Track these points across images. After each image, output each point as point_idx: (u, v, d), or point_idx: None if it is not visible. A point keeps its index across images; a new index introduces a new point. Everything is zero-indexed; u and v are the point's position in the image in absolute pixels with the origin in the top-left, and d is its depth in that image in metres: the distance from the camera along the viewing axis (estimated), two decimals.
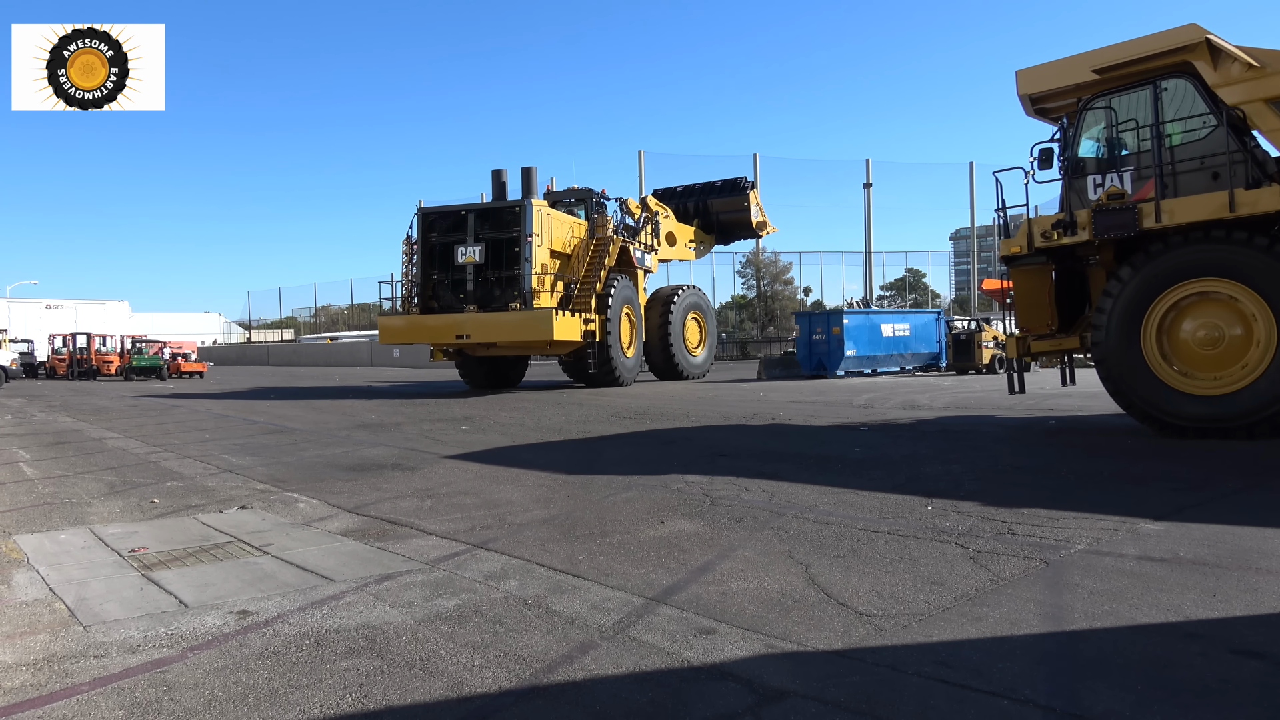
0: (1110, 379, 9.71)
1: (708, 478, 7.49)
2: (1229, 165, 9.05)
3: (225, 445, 11.11)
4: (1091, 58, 9.78)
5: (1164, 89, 9.46)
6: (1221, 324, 9.05)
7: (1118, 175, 9.77)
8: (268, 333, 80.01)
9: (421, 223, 20.11)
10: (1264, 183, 8.85)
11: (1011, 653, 3.27)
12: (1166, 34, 9.30)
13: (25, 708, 3.00)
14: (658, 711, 2.85)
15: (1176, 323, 9.34)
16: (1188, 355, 9.27)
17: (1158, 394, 9.27)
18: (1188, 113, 9.42)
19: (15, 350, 37.28)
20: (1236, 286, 8.86)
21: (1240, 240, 8.76)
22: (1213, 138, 9.26)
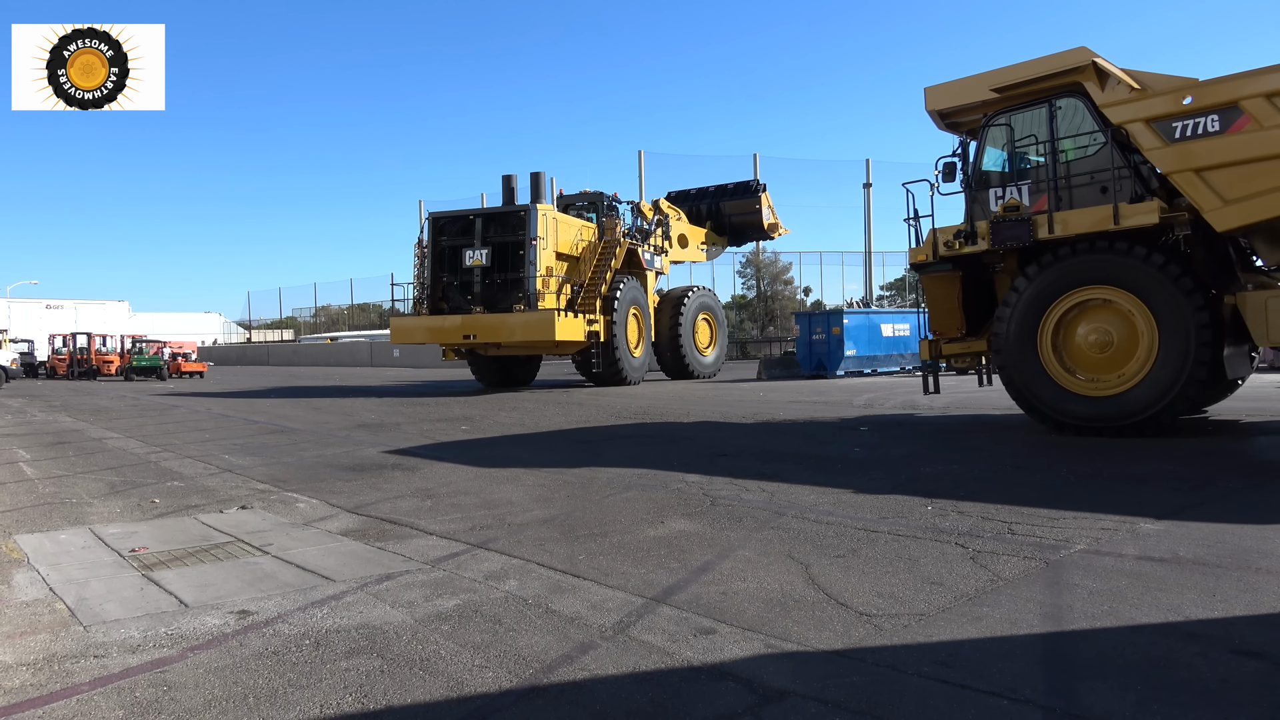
0: (1010, 382, 10.25)
1: (708, 478, 7.49)
2: (1115, 180, 9.60)
3: (225, 445, 11.12)
4: (990, 77, 10.35)
5: (1058, 107, 10.01)
6: (1111, 329, 9.59)
7: (1017, 188, 10.35)
8: (268, 333, 79.99)
9: (432, 227, 20.88)
10: (1146, 197, 9.39)
11: (1011, 653, 3.27)
12: (1058, 56, 9.87)
13: (25, 708, 3.00)
14: (658, 711, 2.86)
15: (1071, 328, 9.88)
16: (1081, 358, 9.80)
17: (1053, 395, 9.80)
18: (1080, 130, 9.96)
19: (15, 350, 37.29)
20: (1122, 294, 9.42)
21: (1122, 250, 9.32)
22: (1101, 154, 9.79)
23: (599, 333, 20.62)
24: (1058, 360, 9.90)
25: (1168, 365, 9.03)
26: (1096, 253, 9.56)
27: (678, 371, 24.75)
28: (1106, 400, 9.48)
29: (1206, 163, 8.83)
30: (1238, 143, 8.66)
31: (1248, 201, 8.61)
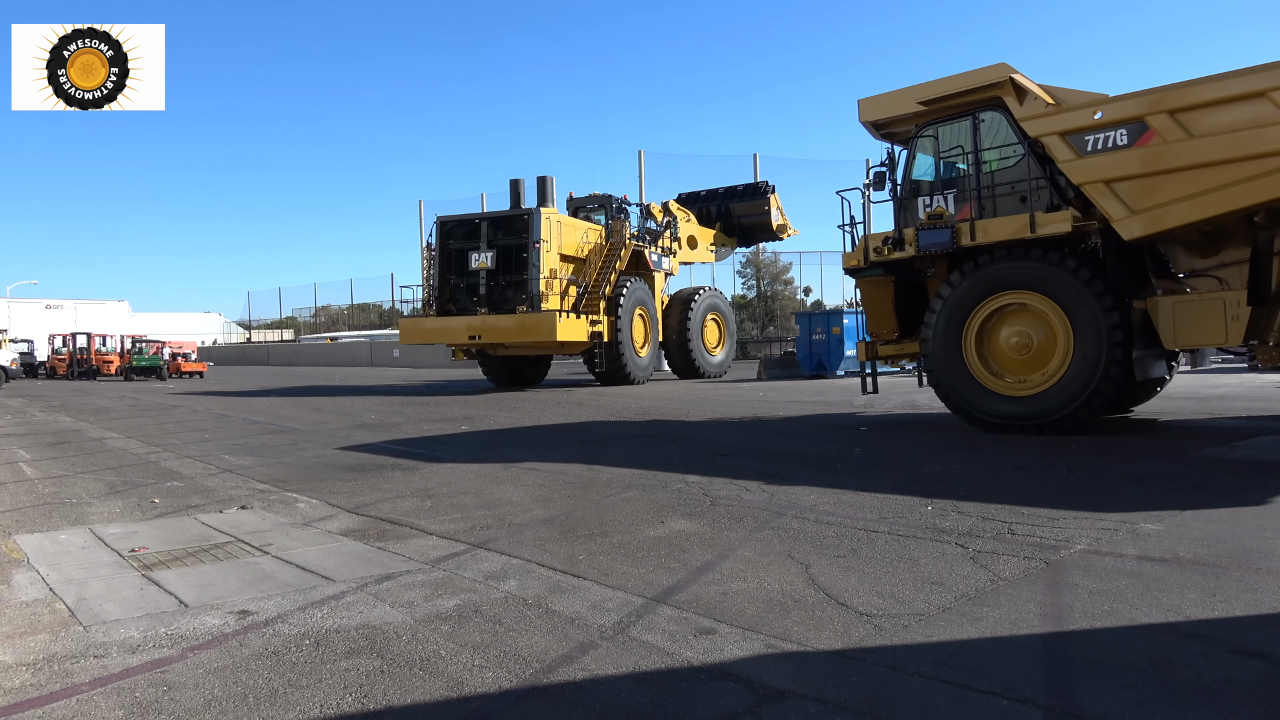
0: (938, 383, 10.73)
1: (708, 478, 7.49)
2: (1033, 190, 10.16)
3: (225, 445, 11.12)
4: (916, 91, 10.84)
5: (982, 120, 10.50)
6: (1031, 332, 10.06)
7: (943, 197, 10.84)
8: (268, 333, 79.94)
9: (439, 231, 21.59)
10: (1062, 207, 9.84)
11: (1011, 653, 3.27)
12: (978, 72, 10.38)
13: (25, 708, 3.00)
14: (658, 711, 2.86)
15: (994, 331, 10.35)
16: (1003, 360, 10.28)
17: (977, 395, 10.28)
18: (1001, 142, 10.45)
19: (15, 350, 37.29)
20: (1040, 299, 9.88)
21: (1038, 257, 9.82)
22: (1020, 165, 10.32)
23: (602, 333, 20.96)
24: (981, 362, 10.33)
25: (1082, 366, 9.47)
26: (1015, 259, 10.01)
27: (686, 371, 25.01)
28: (1027, 400, 9.89)
29: (1115, 175, 9.25)
30: (1144, 156, 9.10)
31: (1152, 211, 9.07)
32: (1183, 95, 8.94)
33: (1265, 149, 8.38)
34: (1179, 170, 8.89)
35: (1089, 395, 9.43)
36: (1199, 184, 8.77)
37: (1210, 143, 8.71)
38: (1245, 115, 8.52)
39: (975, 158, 10.64)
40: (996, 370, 10.31)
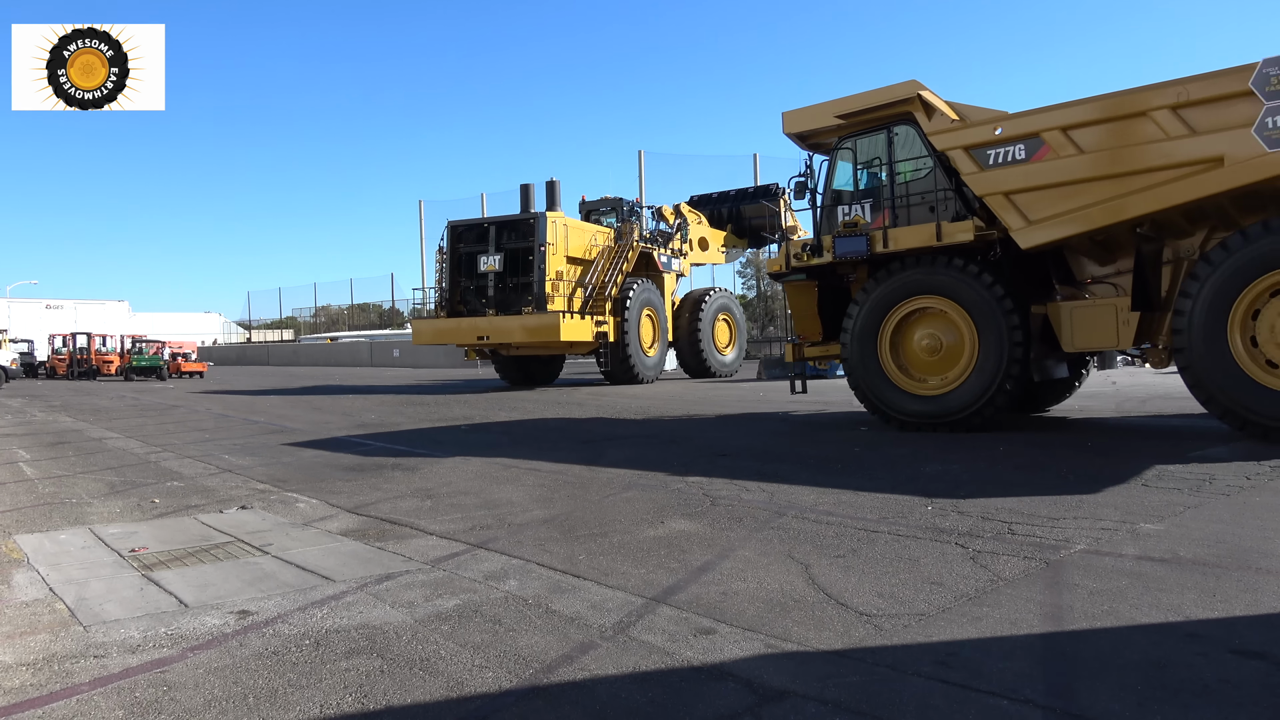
0: (855, 383, 11.27)
1: (708, 478, 7.49)
2: (941, 201, 10.77)
3: (225, 445, 11.12)
4: (834, 105, 11.38)
5: (895, 134, 11.08)
6: (940, 334, 10.64)
7: (861, 206, 11.46)
8: (268, 333, 79.92)
9: (450, 235, 22.40)
10: (967, 217, 10.42)
11: (1011, 653, 3.27)
12: (889, 89, 10.92)
13: (25, 708, 3.00)
14: (658, 711, 2.86)
15: (907, 333, 10.91)
16: (915, 361, 10.88)
17: (892, 395, 10.83)
18: (913, 155, 11.06)
19: (15, 350, 37.28)
20: (948, 303, 10.45)
21: (944, 264, 10.42)
22: (930, 177, 10.89)
23: (608, 333, 21.48)
24: (895, 363, 10.92)
25: (985, 367, 10.08)
26: (925, 266, 10.62)
27: (698, 370, 25.40)
28: (936, 399, 10.47)
29: (1013, 187, 9.85)
30: (1039, 170, 9.67)
31: (1047, 222, 9.68)
32: (1074, 113, 9.52)
33: (1146, 165, 9.01)
34: (1070, 184, 9.47)
35: (992, 394, 10.01)
36: (1088, 197, 9.36)
37: (1098, 158, 9.31)
38: (1130, 133, 9.14)
39: (889, 169, 11.20)
40: (909, 371, 10.88)
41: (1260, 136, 8.38)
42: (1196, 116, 8.76)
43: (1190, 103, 8.79)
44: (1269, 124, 8.33)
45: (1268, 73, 8.36)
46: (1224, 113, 8.62)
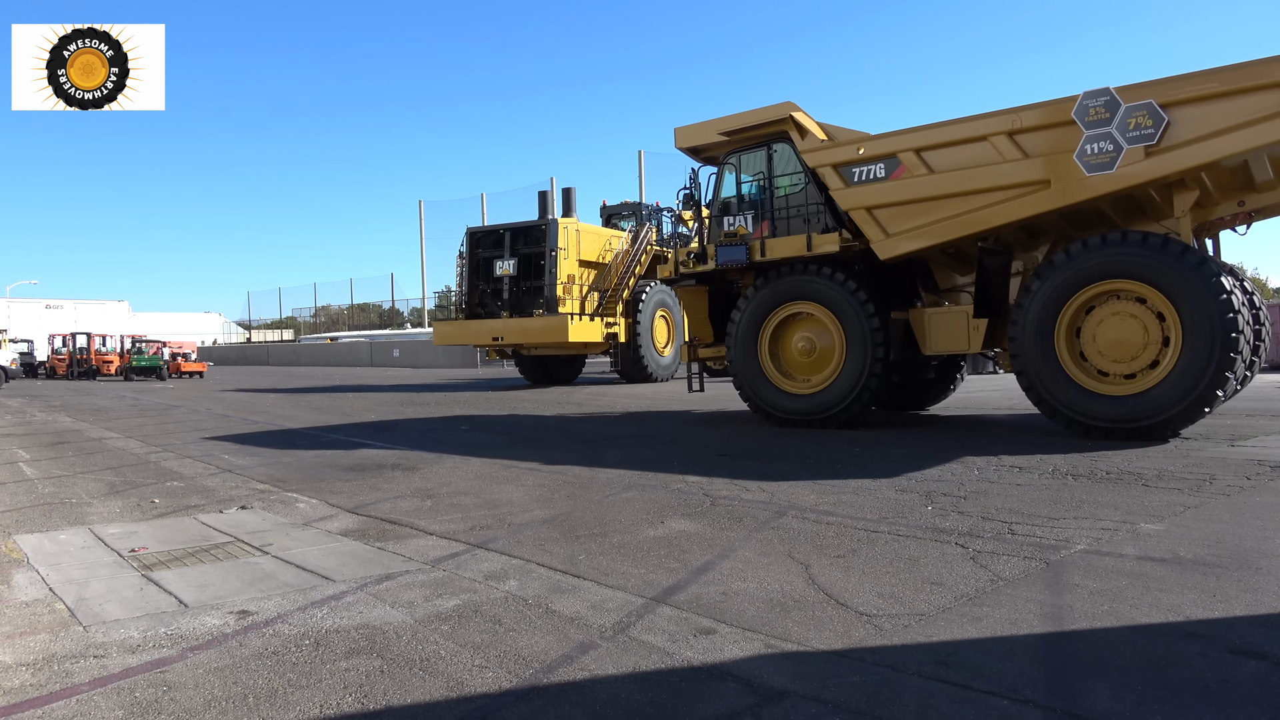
0: (739, 383, 12.05)
1: (708, 478, 7.49)
2: (813, 214, 11.56)
3: (225, 445, 11.12)
4: (717, 123, 12.14)
5: (775, 150, 11.85)
6: (814, 338, 11.47)
7: (744, 217, 12.19)
8: (268, 333, 79.90)
9: (469, 240, 23.54)
10: (835, 229, 11.21)
11: (1011, 653, 3.27)
12: (765, 109, 11.67)
13: (25, 708, 3.00)
14: (658, 711, 2.86)
15: (786, 336, 11.74)
16: (793, 362, 11.71)
17: (770, 393, 11.65)
18: (790, 170, 11.84)
19: (15, 350, 37.29)
20: (820, 309, 11.27)
21: (815, 272, 11.22)
22: (804, 192, 11.67)
23: (619, 334, 22.33)
24: (774, 364, 11.74)
25: (851, 368, 10.89)
26: (799, 274, 11.40)
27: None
28: (809, 397, 11.29)
29: (874, 203, 10.65)
30: (896, 187, 10.48)
31: (903, 235, 10.53)
32: (926, 136, 10.34)
33: (985, 185, 9.85)
34: (922, 201, 10.31)
35: (857, 393, 10.82)
36: (938, 213, 10.21)
37: (945, 178, 10.14)
38: (972, 155, 9.97)
39: (769, 183, 12.02)
40: (787, 371, 11.73)
41: (1081, 162, 9.21)
42: (1028, 142, 9.61)
43: (1023, 129, 9.63)
44: (1088, 150, 9.16)
45: (1087, 104, 9.20)
46: (1051, 139, 9.45)
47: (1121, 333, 9.15)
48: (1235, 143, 8.58)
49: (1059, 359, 9.38)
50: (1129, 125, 8.97)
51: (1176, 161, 8.83)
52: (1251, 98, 8.50)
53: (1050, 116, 9.45)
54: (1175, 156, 8.81)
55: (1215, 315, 8.50)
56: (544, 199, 24.84)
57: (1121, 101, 9.03)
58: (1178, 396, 8.69)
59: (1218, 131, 8.61)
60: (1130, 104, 8.98)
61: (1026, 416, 12.08)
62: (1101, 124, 9.11)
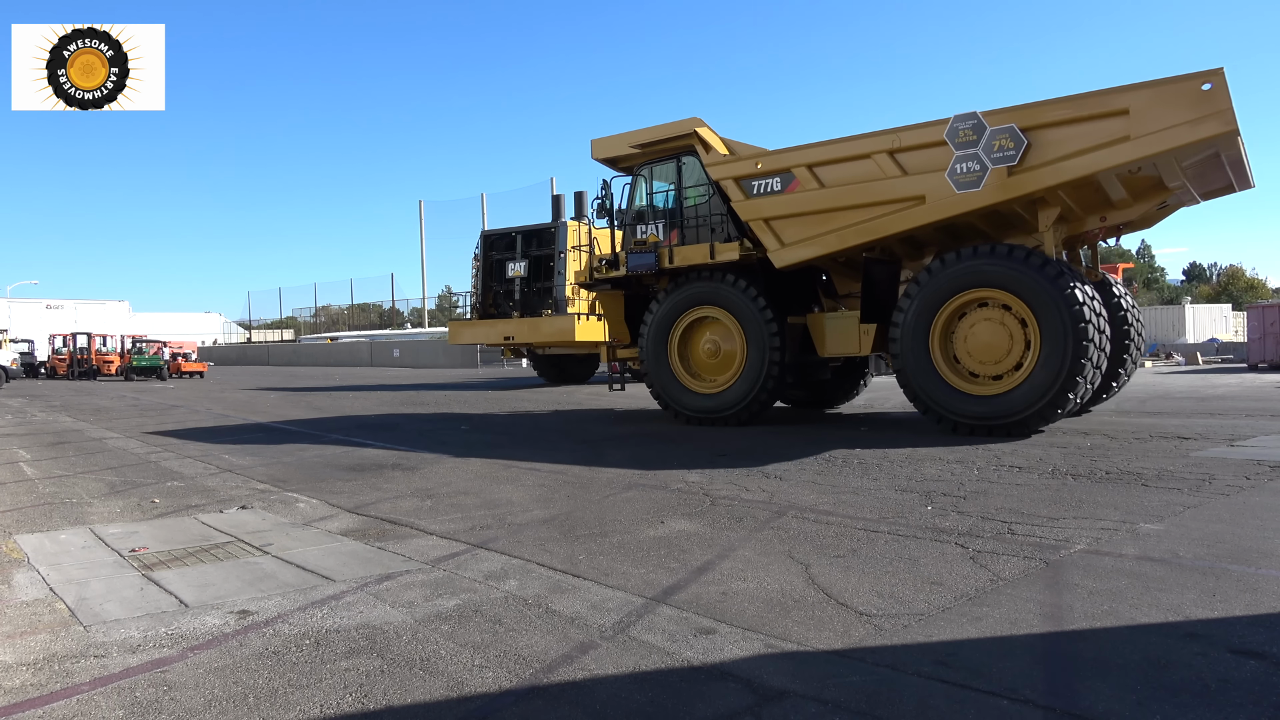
0: (650, 382, 12.71)
1: (708, 478, 7.49)
2: (717, 223, 12.25)
3: (225, 445, 11.12)
4: (629, 137, 12.77)
5: (684, 163, 12.50)
6: (719, 340, 12.13)
7: (656, 225, 12.86)
8: (268, 333, 79.89)
9: (483, 243, 24.36)
10: (738, 239, 11.81)
11: (1011, 653, 3.27)
12: (672, 125, 12.37)
13: (25, 707, 3.00)
14: (658, 711, 2.86)
15: (695, 339, 12.39)
16: (700, 363, 12.39)
17: (678, 393, 12.35)
18: (697, 182, 12.48)
19: (15, 350, 37.27)
20: (723, 313, 11.94)
21: (718, 279, 11.90)
22: (710, 203, 12.33)
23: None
24: (683, 364, 12.42)
25: (751, 369, 11.55)
26: (704, 280, 12.07)
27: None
28: (714, 396, 11.97)
29: (771, 214, 11.28)
30: (791, 200, 11.12)
31: (797, 245, 11.17)
32: (818, 152, 10.99)
33: (869, 200, 10.53)
34: (814, 213, 10.97)
35: (756, 393, 11.50)
36: (827, 225, 10.89)
37: (834, 192, 10.82)
38: (858, 171, 10.64)
39: (679, 194, 12.71)
40: (695, 372, 12.40)
41: (951, 180, 9.92)
42: (907, 160, 10.27)
43: (902, 148, 10.28)
44: (958, 169, 9.87)
45: (957, 127, 9.87)
46: (926, 158, 10.12)
47: (989, 337, 9.83)
48: (1085, 165, 9.27)
49: (933, 361, 10.05)
50: (994, 147, 9.68)
51: (1036, 181, 9.55)
52: (1098, 124, 9.18)
53: (925, 137, 10.11)
54: (1034, 176, 9.53)
55: (1068, 323, 9.13)
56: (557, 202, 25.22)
57: (987, 125, 9.71)
58: (1035, 398, 9.33)
59: (1070, 154, 9.31)
60: (995, 127, 9.66)
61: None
62: (969, 145, 9.81)
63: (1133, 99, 8.98)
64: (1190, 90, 8.74)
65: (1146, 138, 8.89)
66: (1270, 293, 62.33)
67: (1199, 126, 8.69)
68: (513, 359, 27.48)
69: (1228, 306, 43.67)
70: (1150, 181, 9.87)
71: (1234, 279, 68.04)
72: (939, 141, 9.99)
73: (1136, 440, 9.13)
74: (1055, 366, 9.21)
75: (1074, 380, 9.14)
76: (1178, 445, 8.63)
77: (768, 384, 11.45)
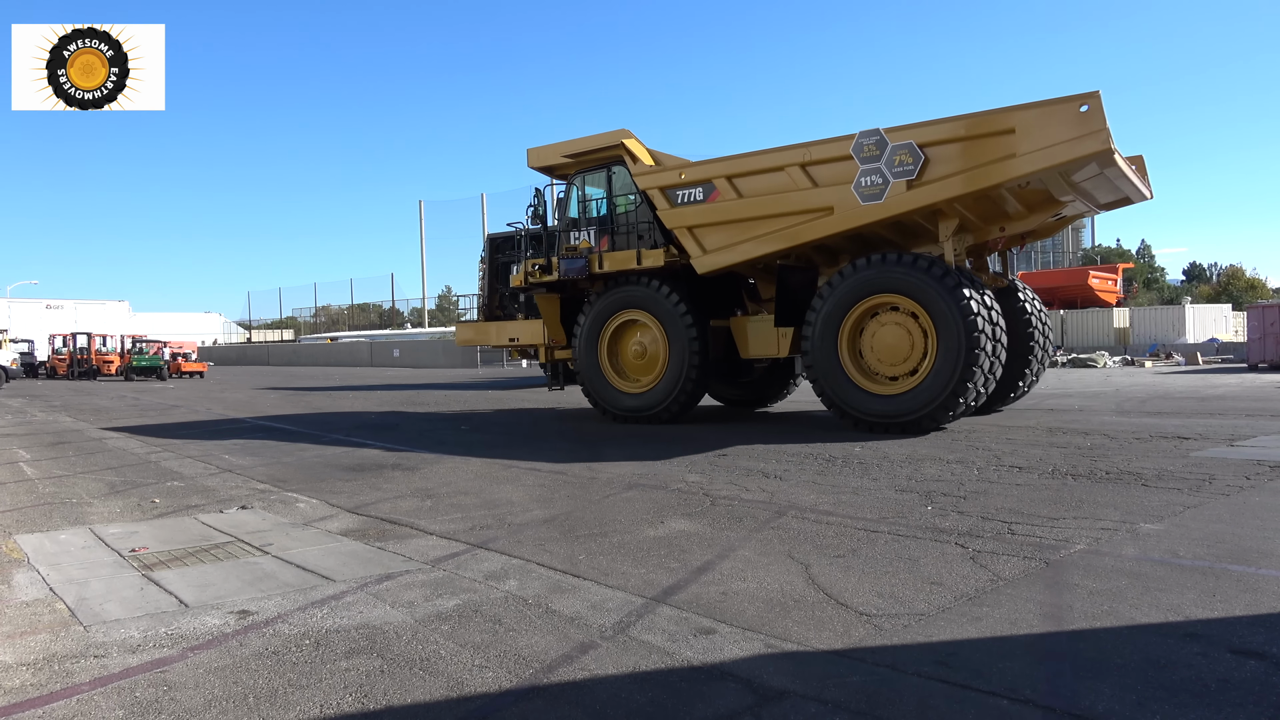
0: (582, 382, 13.40)
1: (708, 478, 7.49)
2: (644, 230, 12.78)
3: (225, 445, 11.12)
4: (561, 146, 13.29)
5: (614, 172, 13.04)
6: (646, 342, 12.78)
7: (589, 232, 13.36)
8: (268, 333, 79.92)
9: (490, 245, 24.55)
10: (664, 245, 12.38)
11: (1011, 653, 3.27)
12: (600, 136, 12.89)
13: (25, 708, 3.00)
14: (658, 711, 2.85)
15: (624, 340, 13.05)
16: (629, 364, 13.01)
17: (608, 392, 12.99)
18: (627, 191, 13.03)
19: (15, 350, 37.26)
20: (648, 316, 12.61)
21: (643, 284, 12.52)
22: (639, 210, 12.86)
23: None
24: (613, 365, 13.05)
25: (672, 370, 12.23)
26: (630, 285, 12.69)
27: None
28: (641, 395, 12.61)
29: (693, 223, 11.85)
30: (712, 209, 11.69)
31: (717, 253, 11.75)
32: (737, 164, 11.54)
33: (782, 210, 11.07)
34: (734, 222, 11.50)
35: (677, 393, 12.19)
36: (746, 233, 11.39)
37: (751, 202, 11.35)
38: (773, 183, 11.16)
39: (609, 202, 13.23)
40: (624, 372, 13.02)
41: (857, 192, 10.48)
42: (818, 173, 10.84)
43: (813, 161, 10.83)
44: (863, 183, 10.43)
45: (862, 142, 10.39)
46: (835, 171, 10.67)
47: (893, 340, 10.43)
48: (977, 179, 9.83)
49: (841, 362, 10.66)
50: (895, 162, 10.22)
51: (932, 194, 10.10)
52: (989, 141, 9.72)
53: (834, 151, 10.66)
54: (931, 190, 10.09)
55: (961, 329, 9.71)
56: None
57: (889, 141, 10.23)
58: (931, 397, 9.93)
59: (964, 170, 9.89)
60: (896, 143, 10.18)
61: (1023, 410, 12.08)
62: (873, 160, 10.37)
63: (1019, 119, 9.51)
64: (1069, 111, 9.27)
65: (1030, 155, 9.44)
66: (1270, 293, 62.35)
67: (1077, 145, 9.23)
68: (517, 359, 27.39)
69: (1228, 306, 43.67)
70: (1042, 195, 10.49)
71: (1234, 279, 68.06)
72: (846, 156, 10.53)
73: (1136, 440, 9.13)
74: (949, 368, 9.78)
75: (966, 382, 9.72)
76: (1178, 445, 8.63)
77: (687, 385, 12.10)
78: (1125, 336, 37.15)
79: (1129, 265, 56.23)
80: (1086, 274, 43.31)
